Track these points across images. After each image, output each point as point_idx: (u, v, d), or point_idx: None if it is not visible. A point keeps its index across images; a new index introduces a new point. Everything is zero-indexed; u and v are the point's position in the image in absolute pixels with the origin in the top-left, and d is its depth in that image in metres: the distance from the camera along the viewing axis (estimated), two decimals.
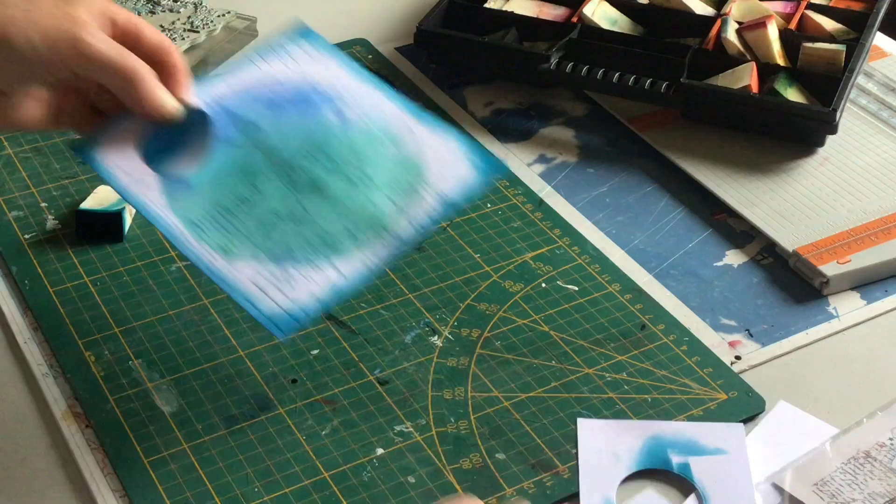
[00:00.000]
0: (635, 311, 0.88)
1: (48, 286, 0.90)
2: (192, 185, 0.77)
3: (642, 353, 0.85)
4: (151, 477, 0.75)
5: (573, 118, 1.12)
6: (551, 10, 1.18)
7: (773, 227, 0.96)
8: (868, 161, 1.04)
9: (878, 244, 0.93)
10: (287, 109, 0.79)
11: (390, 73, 1.16)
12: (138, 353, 0.84)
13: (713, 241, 0.97)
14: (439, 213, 0.77)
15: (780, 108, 1.04)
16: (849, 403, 0.82)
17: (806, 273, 0.92)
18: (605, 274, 0.92)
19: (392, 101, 0.82)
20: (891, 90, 1.13)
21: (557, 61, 1.09)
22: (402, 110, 0.82)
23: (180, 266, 0.92)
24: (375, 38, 1.22)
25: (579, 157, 1.06)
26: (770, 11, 1.14)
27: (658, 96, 1.07)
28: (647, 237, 0.97)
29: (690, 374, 0.83)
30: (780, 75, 1.07)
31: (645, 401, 0.81)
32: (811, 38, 1.10)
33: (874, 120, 1.09)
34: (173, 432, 0.78)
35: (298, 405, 0.80)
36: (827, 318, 0.89)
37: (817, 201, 0.99)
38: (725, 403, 0.81)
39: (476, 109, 1.13)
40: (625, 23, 1.16)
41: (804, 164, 1.04)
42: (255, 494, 0.74)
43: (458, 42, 1.13)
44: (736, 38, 1.10)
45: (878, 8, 1.15)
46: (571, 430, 0.78)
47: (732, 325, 0.88)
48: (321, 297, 0.73)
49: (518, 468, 0.76)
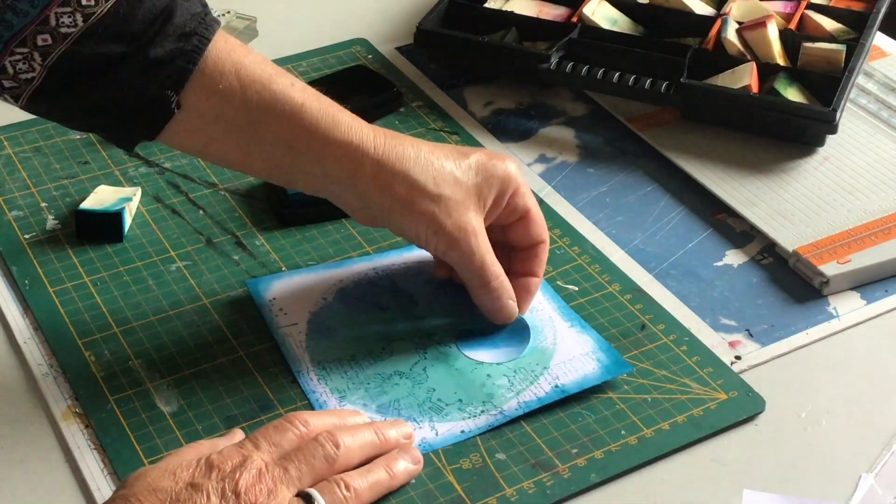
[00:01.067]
0: (635, 311, 0.88)
1: (48, 286, 0.90)
2: (335, 334, 0.85)
3: (642, 353, 0.85)
4: None
5: (573, 118, 1.12)
6: (551, 10, 1.18)
7: (773, 227, 0.96)
8: (868, 161, 1.04)
9: (878, 244, 0.93)
10: (444, 289, 0.85)
11: (390, 72, 1.16)
12: (138, 353, 0.84)
13: (713, 241, 0.97)
14: (548, 397, 0.80)
15: (780, 108, 1.04)
16: (849, 403, 0.82)
17: (806, 273, 0.92)
18: (605, 274, 0.92)
19: (541, 292, 0.89)
20: (891, 90, 1.13)
21: (557, 61, 1.09)
22: (548, 301, 0.88)
23: (180, 266, 0.92)
24: (375, 38, 1.22)
25: (579, 157, 1.06)
26: (770, 11, 1.14)
27: (658, 96, 1.07)
28: (647, 237, 0.97)
29: (690, 374, 0.83)
30: (780, 75, 1.07)
31: (645, 401, 0.81)
32: (811, 38, 1.10)
33: (874, 120, 1.09)
34: (173, 432, 0.78)
35: (298, 405, 0.80)
36: (827, 318, 0.89)
37: (817, 201, 0.99)
38: (725, 403, 0.81)
39: (476, 109, 1.13)
40: (625, 23, 1.16)
41: (804, 164, 1.04)
42: None
43: (458, 42, 1.13)
44: (736, 38, 1.10)
45: (878, 8, 1.15)
46: (571, 429, 0.78)
47: (732, 325, 0.88)
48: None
49: (518, 468, 0.76)
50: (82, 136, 1.06)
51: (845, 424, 0.80)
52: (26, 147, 1.05)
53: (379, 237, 0.95)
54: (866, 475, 0.77)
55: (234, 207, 0.98)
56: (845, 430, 0.80)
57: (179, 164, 1.03)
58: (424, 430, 0.78)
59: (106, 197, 0.95)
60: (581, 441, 0.78)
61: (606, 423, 0.79)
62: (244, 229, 0.96)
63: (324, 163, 0.80)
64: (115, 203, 0.94)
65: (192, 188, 1.00)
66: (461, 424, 0.78)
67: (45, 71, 0.74)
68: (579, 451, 0.77)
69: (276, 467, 0.69)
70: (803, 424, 0.80)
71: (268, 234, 0.95)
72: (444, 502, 0.74)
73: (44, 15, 0.73)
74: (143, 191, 1.00)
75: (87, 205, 0.95)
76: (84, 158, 1.04)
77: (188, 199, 0.99)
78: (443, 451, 0.77)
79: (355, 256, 0.93)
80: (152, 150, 1.04)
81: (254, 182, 1.01)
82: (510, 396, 0.80)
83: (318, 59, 1.18)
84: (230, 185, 1.01)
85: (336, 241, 0.95)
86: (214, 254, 0.93)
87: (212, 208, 0.98)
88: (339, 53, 1.19)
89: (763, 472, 0.77)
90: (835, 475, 0.77)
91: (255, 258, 0.93)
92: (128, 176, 1.02)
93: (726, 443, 0.79)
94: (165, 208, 0.98)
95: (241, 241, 0.95)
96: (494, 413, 0.79)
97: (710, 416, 0.80)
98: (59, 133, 1.07)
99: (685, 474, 0.77)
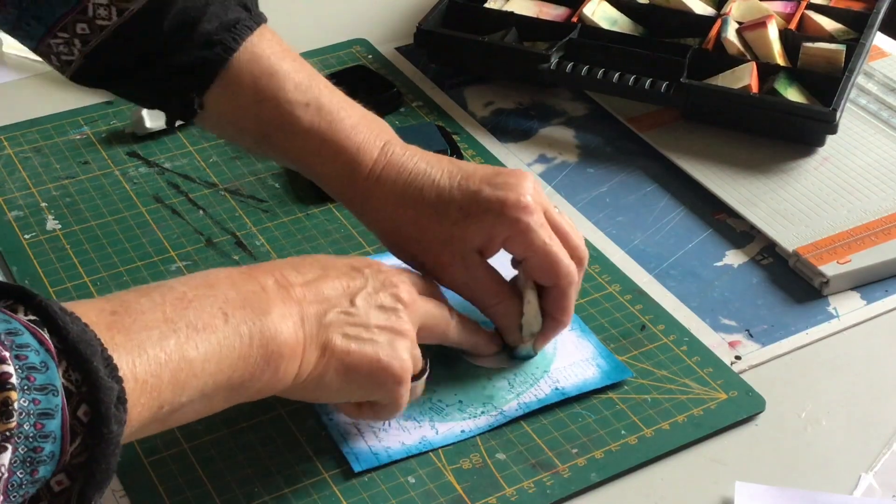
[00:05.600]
0: (635, 312, 0.88)
1: (48, 286, 0.90)
2: None
3: (642, 353, 0.85)
4: (151, 477, 0.75)
5: (573, 118, 1.12)
6: (551, 10, 1.18)
7: (773, 227, 0.96)
8: (868, 161, 1.04)
9: (878, 244, 0.93)
10: (445, 289, 0.82)
11: (390, 72, 1.16)
12: None
13: (713, 242, 0.97)
14: (548, 398, 0.80)
15: (780, 108, 1.04)
16: (849, 403, 0.82)
17: (806, 273, 0.92)
18: (605, 274, 0.92)
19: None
20: (891, 90, 1.13)
21: (557, 61, 1.09)
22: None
23: (180, 266, 0.92)
24: (375, 38, 1.22)
25: (579, 157, 1.06)
26: (770, 11, 1.14)
27: (658, 96, 1.07)
28: (647, 237, 0.97)
29: (690, 374, 0.83)
30: (780, 75, 1.07)
31: (645, 401, 0.81)
32: (811, 38, 1.10)
33: (874, 120, 1.09)
34: (173, 432, 0.78)
35: (299, 405, 0.80)
36: (827, 318, 0.89)
37: (817, 201, 0.99)
38: (725, 403, 0.81)
39: (476, 109, 1.13)
40: (625, 23, 1.16)
41: (804, 164, 1.04)
42: (255, 494, 0.74)
43: (458, 42, 1.13)
44: (736, 38, 1.10)
45: (878, 8, 1.15)
46: (571, 429, 0.79)
47: (732, 325, 0.88)
48: (409, 445, 0.77)
49: (518, 468, 0.76)
50: (82, 136, 1.06)
51: (845, 424, 0.80)
52: (26, 147, 1.05)
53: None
54: (866, 474, 0.77)
55: (234, 207, 0.98)
56: (845, 429, 0.80)
57: (179, 164, 1.03)
58: (424, 429, 0.78)
59: None
60: (581, 441, 0.78)
61: (606, 423, 0.79)
62: (244, 229, 0.96)
63: (326, 182, 0.82)
64: None
65: (192, 188, 1.00)
66: (461, 424, 0.79)
67: (83, 58, 0.79)
68: (579, 451, 0.77)
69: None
70: (803, 424, 0.80)
71: (268, 234, 0.95)
72: (444, 502, 0.74)
73: (83, 4, 0.77)
74: (143, 191, 1.00)
75: None
76: (84, 158, 1.04)
77: (188, 199, 0.99)
78: (443, 451, 0.77)
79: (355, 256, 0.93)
80: (152, 150, 1.04)
81: (254, 182, 1.01)
82: (510, 398, 0.80)
83: (318, 60, 1.18)
84: (230, 185, 1.01)
85: (336, 241, 0.95)
86: (214, 254, 0.93)
87: (212, 208, 0.98)
88: (339, 53, 1.19)
89: (763, 472, 0.77)
90: (834, 474, 0.77)
91: (256, 258, 0.93)
92: (128, 176, 1.02)
93: (726, 443, 0.79)
94: (165, 208, 0.98)
95: (241, 241, 0.95)
96: (494, 414, 0.79)
97: (710, 416, 0.80)
98: (59, 133, 1.07)
99: (685, 474, 0.77)
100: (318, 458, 0.77)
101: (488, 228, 0.78)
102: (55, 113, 1.09)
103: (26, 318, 0.55)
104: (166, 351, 0.60)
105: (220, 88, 0.80)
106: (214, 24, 0.79)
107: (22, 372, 0.52)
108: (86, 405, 0.54)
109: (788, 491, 0.75)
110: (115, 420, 0.55)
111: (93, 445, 0.54)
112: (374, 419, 0.77)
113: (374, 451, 0.76)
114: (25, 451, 0.52)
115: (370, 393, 0.72)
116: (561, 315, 0.80)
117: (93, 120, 1.08)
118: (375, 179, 0.80)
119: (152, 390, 0.59)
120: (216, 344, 0.63)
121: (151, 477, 0.75)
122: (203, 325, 0.63)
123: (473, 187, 0.78)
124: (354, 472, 0.75)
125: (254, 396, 0.68)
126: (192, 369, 0.61)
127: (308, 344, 0.68)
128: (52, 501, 0.54)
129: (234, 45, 0.79)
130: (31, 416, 0.52)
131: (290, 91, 0.80)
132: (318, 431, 0.78)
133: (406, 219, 0.79)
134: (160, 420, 0.61)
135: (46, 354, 0.54)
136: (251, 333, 0.65)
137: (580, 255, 0.80)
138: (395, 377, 0.71)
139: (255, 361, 0.65)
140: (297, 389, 0.69)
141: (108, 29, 0.78)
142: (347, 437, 0.77)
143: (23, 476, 0.52)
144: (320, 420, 0.79)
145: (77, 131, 1.07)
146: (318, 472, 0.76)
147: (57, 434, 0.53)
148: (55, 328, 0.55)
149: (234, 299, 0.65)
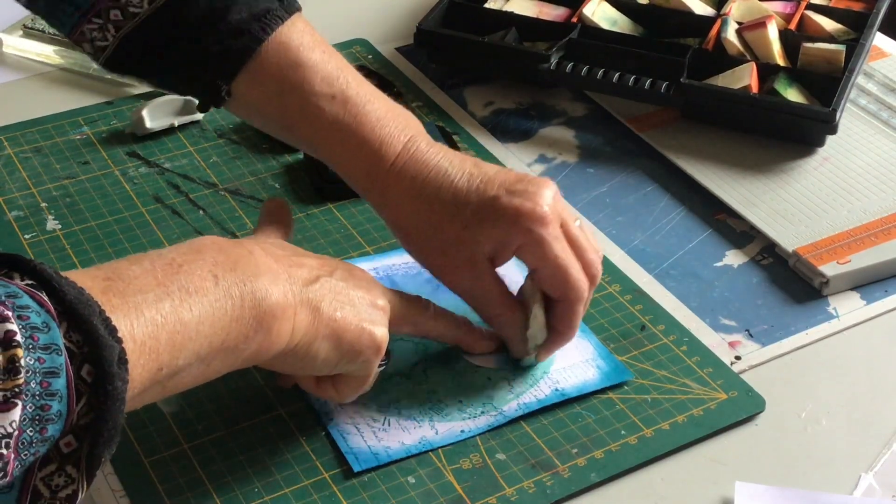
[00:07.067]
0: (635, 312, 0.88)
1: None
2: None
3: (642, 353, 0.85)
4: (151, 477, 0.75)
5: (573, 118, 1.12)
6: (551, 10, 1.18)
7: (773, 227, 0.96)
8: (868, 161, 1.04)
9: (878, 244, 0.93)
10: (445, 289, 0.82)
11: (390, 72, 1.16)
12: None
13: (713, 242, 0.97)
14: (548, 399, 0.80)
15: (780, 108, 1.04)
16: (848, 403, 0.82)
17: (806, 273, 0.92)
18: (605, 274, 0.91)
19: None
20: (891, 90, 1.13)
21: (557, 61, 1.09)
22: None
23: None
24: (375, 38, 1.22)
25: (579, 157, 1.06)
26: (770, 11, 1.14)
27: (658, 96, 1.07)
28: (647, 237, 0.97)
29: (690, 374, 0.83)
30: (780, 75, 1.07)
31: (645, 401, 0.81)
32: (811, 38, 1.10)
33: (874, 120, 1.09)
34: (173, 432, 0.78)
35: (299, 405, 0.80)
36: (827, 318, 0.89)
37: (817, 201, 0.99)
38: (725, 403, 0.81)
39: (476, 109, 1.13)
40: (625, 23, 1.16)
41: (804, 164, 1.04)
42: (255, 494, 0.74)
43: (458, 42, 1.13)
44: (736, 38, 1.10)
45: (878, 8, 1.15)
46: (571, 430, 0.79)
47: (732, 325, 0.88)
48: (409, 445, 0.77)
49: (518, 468, 0.76)
50: (82, 136, 1.06)
51: (845, 424, 0.80)
52: (26, 147, 1.05)
53: (379, 237, 0.95)
54: (866, 474, 0.77)
55: (234, 207, 0.98)
56: (845, 429, 0.80)
57: (179, 164, 1.03)
58: (424, 428, 0.78)
59: None
60: (581, 441, 0.78)
61: (606, 423, 0.79)
62: (244, 229, 0.96)
63: (347, 174, 0.83)
64: None
65: (192, 188, 1.00)
66: (461, 424, 0.79)
67: (117, 42, 0.80)
68: (579, 451, 0.77)
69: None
70: (803, 424, 0.80)
71: None
72: (444, 502, 0.74)
73: None
74: (143, 191, 1.00)
75: None
76: (84, 158, 1.04)
77: (188, 199, 0.99)
78: (443, 451, 0.77)
79: (355, 256, 0.93)
80: (152, 150, 1.04)
81: (254, 182, 1.01)
82: (510, 398, 0.80)
83: None
84: (230, 185, 1.01)
85: (336, 242, 0.95)
86: None
87: (212, 208, 0.98)
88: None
89: (763, 472, 0.77)
90: (834, 474, 0.77)
91: None
92: (128, 176, 1.02)
93: (726, 443, 0.79)
94: (165, 208, 0.98)
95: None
96: (494, 414, 0.79)
97: (710, 415, 0.80)
98: (59, 133, 1.07)
99: (685, 474, 0.77)
100: (318, 458, 0.77)
101: (501, 236, 0.77)
102: (55, 113, 1.09)
103: (23, 283, 0.55)
104: (162, 313, 0.61)
105: (246, 77, 0.80)
106: (244, 13, 0.79)
107: (25, 332, 0.52)
108: (88, 365, 0.55)
109: (788, 491, 0.75)
110: (119, 377, 0.56)
111: (98, 404, 0.55)
112: (334, 397, 0.77)
113: (373, 450, 0.76)
114: (34, 409, 0.52)
115: (349, 362, 0.73)
116: (566, 329, 0.80)
117: (93, 120, 1.08)
118: (396, 174, 0.80)
119: (151, 352, 0.60)
120: (209, 306, 0.64)
121: (151, 477, 0.75)
122: (195, 288, 0.63)
123: (491, 192, 0.78)
124: (354, 472, 0.75)
125: (250, 360, 0.68)
126: (188, 331, 0.62)
127: (299, 305, 0.69)
128: (63, 462, 0.55)
129: (262, 35, 0.79)
130: (37, 374, 0.52)
131: (316, 83, 0.80)
132: (318, 431, 0.78)
133: (420, 216, 0.79)
134: (160, 383, 0.62)
135: (47, 315, 0.54)
136: (242, 295, 0.66)
137: (593, 272, 0.79)
138: (375, 344, 0.73)
139: (248, 322, 0.66)
140: (288, 356, 0.70)
141: (140, 16, 0.79)
142: (347, 437, 0.77)
143: (32, 434, 0.52)
144: (320, 420, 0.79)
145: (77, 131, 1.07)
146: (318, 472, 0.76)
147: (63, 392, 0.53)
148: (52, 291, 0.55)
149: (224, 262, 0.66)
